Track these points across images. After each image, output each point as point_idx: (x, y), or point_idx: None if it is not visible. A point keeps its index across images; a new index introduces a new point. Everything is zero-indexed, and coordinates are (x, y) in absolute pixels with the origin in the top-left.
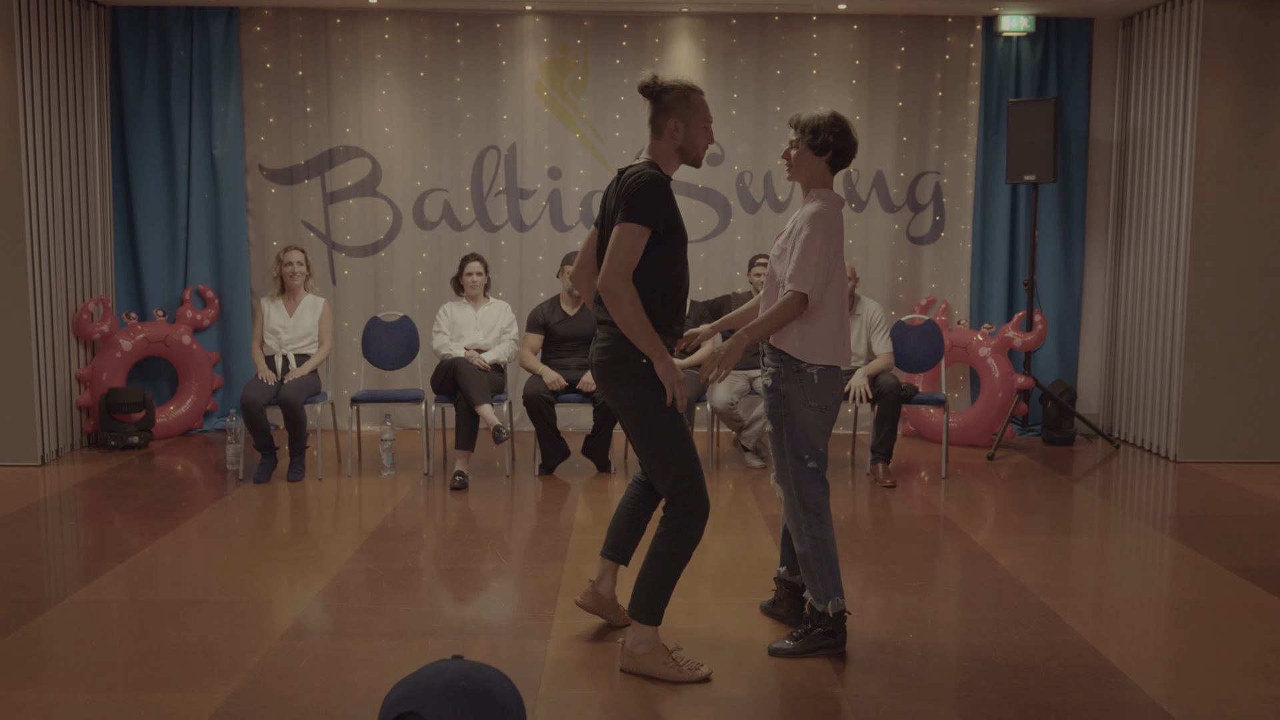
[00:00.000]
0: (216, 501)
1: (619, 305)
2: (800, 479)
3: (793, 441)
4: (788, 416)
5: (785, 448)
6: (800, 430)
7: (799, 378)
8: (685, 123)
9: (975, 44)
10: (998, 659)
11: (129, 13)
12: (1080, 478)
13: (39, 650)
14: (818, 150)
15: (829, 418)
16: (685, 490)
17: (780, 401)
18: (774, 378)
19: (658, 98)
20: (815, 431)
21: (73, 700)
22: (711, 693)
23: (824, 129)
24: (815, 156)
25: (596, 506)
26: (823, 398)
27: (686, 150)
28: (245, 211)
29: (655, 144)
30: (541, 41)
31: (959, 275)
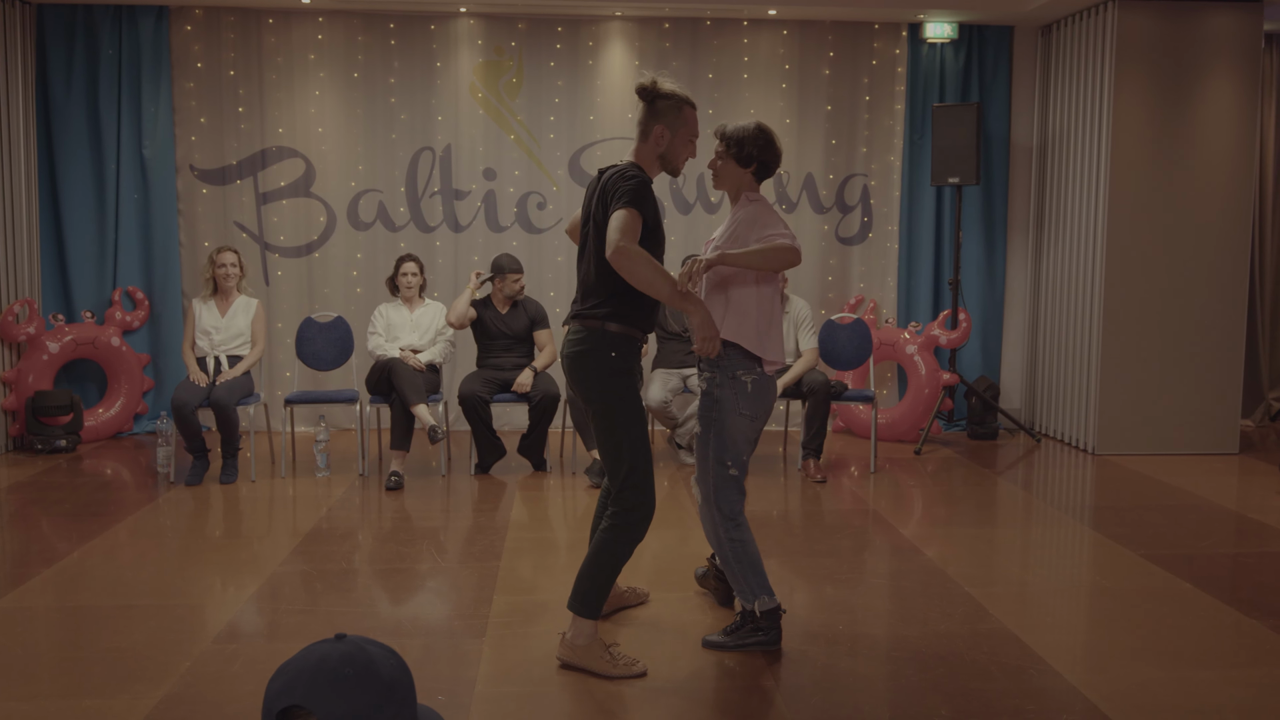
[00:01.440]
0: (147, 504)
1: (634, 264)
2: (720, 484)
3: (719, 447)
4: (718, 422)
5: (710, 451)
6: (728, 436)
7: (734, 384)
8: (671, 132)
9: (901, 50)
10: (925, 649)
11: (55, 10)
12: (1004, 471)
13: None
14: (743, 162)
15: (757, 428)
16: (634, 486)
17: (713, 406)
18: (710, 383)
19: (652, 102)
20: (742, 440)
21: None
22: (645, 687)
23: (748, 142)
24: (740, 168)
25: (532, 505)
26: (754, 407)
27: (668, 158)
28: (176, 212)
29: (640, 146)
30: (476, 43)
31: (886, 275)
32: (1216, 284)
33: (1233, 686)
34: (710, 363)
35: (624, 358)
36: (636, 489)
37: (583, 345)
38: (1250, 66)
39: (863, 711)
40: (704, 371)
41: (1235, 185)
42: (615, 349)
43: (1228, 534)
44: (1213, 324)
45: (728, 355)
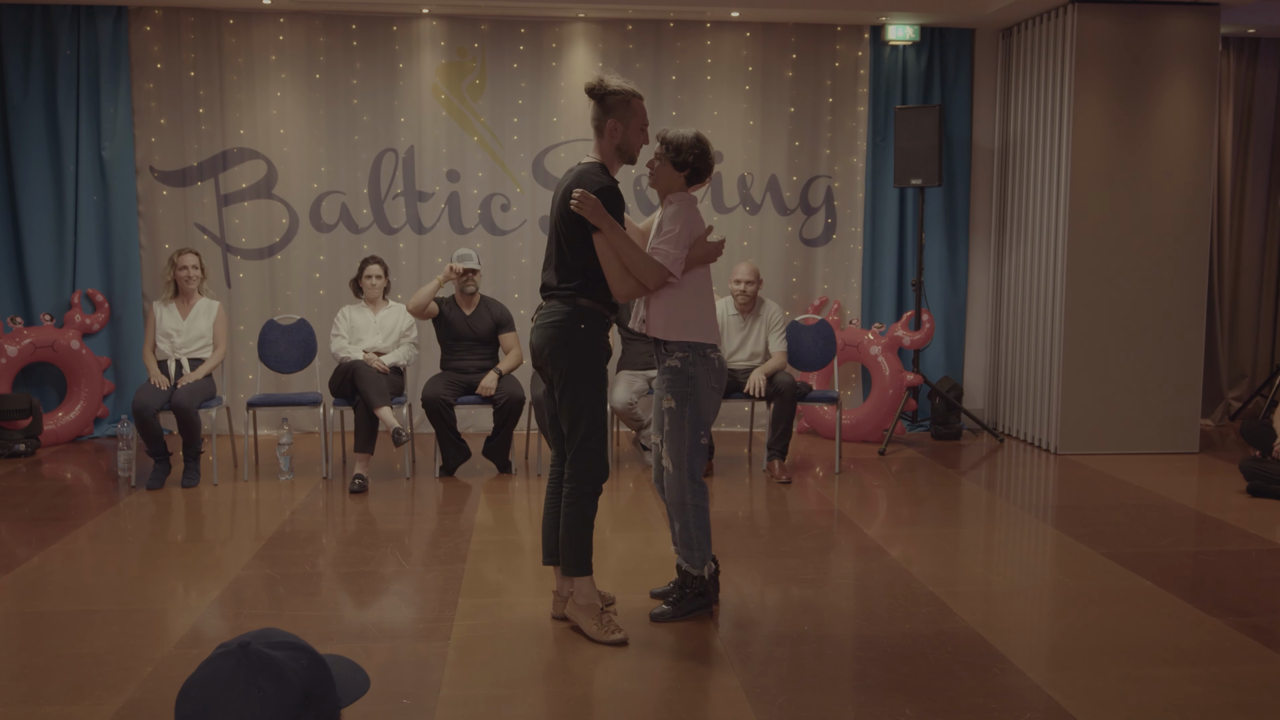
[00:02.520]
0: (108, 509)
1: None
2: (694, 452)
3: (694, 419)
4: (693, 396)
5: (686, 424)
6: (702, 409)
7: (704, 361)
8: (624, 124)
9: (864, 52)
10: (890, 648)
11: (12, 10)
12: (967, 471)
13: None
14: (678, 166)
15: (719, 399)
16: (589, 450)
17: (688, 383)
18: (682, 361)
19: (602, 99)
20: (710, 411)
21: None
22: (612, 688)
23: (686, 149)
24: (675, 172)
25: (497, 507)
26: (720, 380)
27: (624, 149)
28: (136, 214)
29: (599, 143)
30: (439, 45)
31: (850, 276)
32: (1176, 284)
33: (1194, 683)
34: (680, 344)
35: (592, 330)
36: (591, 453)
37: (554, 318)
38: (1208, 69)
39: (829, 711)
40: (675, 351)
41: (1194, 186)
42: (584, 321)
43: (1188, 532)
44: (1173, 324)
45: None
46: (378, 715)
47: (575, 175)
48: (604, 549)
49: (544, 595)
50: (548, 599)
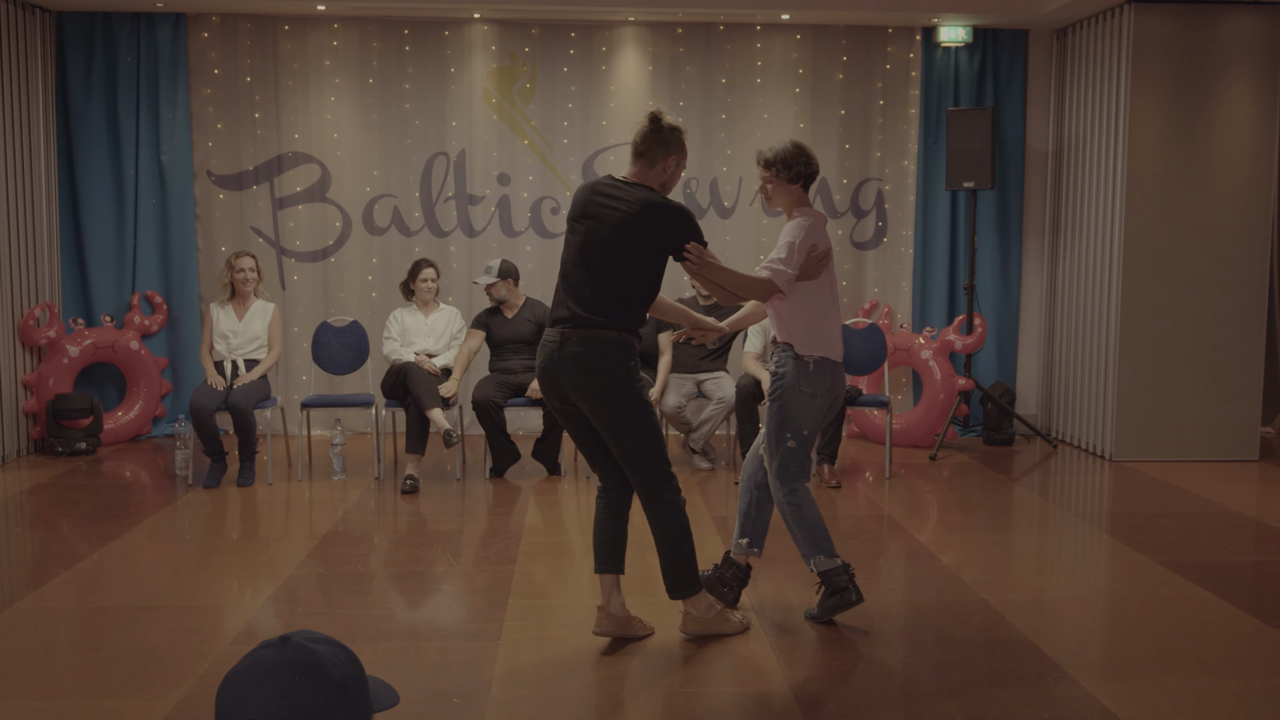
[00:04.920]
0: (165, 507)
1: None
2: (781, 454)
3: (780, 421)
4: (780, 398)
5: (774, 423)
6: (790, 411)
7: (797, 364)
8: (679, 162)
9: (915, 54)
10: (941, 655)
11: (75, 18)
12: (1020, 477)
13: None
14: (792, 180)
15: (819, 405)
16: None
17: (778, 383)
18: (778, 364)
19: (662, 132)
20: (803, 415)
21: (20, 708)
22: (661, 692)
23: (796, 160)
24: (791, 185)
25: (547, 509)
26: (814, 385)
27: (667, 186)
28: (194, 217)
29: (647, 172)
30: (490, 49)
31: (901, 280)
32: (1235, 289)
33: (1254, 696)
34: (781, 347)
35: (637, 366)
36: (668, 477)
37: (602, 361)
38: (1270, 69)
39: (879, 718)
40: (775, 354)
41: (1254, 190)
42: (633, 358)
43: (1247, 541)
44: (1231, 329)
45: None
46: (429, 714)
47: (645, 205)
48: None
49: (594, 597)
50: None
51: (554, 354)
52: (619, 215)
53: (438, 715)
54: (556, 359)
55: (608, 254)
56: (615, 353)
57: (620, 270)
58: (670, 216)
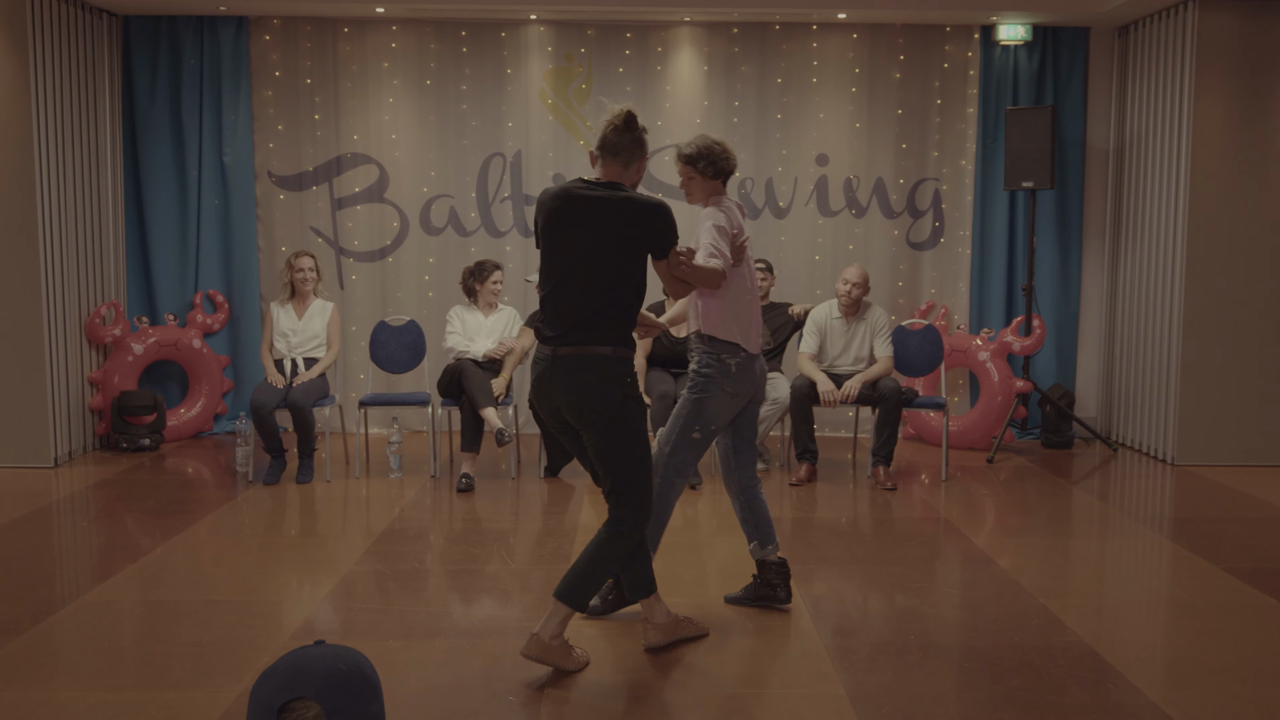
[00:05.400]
0: (226, 503)
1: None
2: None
3: (691, 414)
4: (700, 392)
5: (685, 413)
6: (706, 406)
7: (721, 365)
8: (644, 166)
9: (973, 53)
10: (998, 660)
11: (141, 22)
12: (1079, 480)
13: (52, 649)
14: (714, 176)
15: (738, 406)
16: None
17: (700, 380)
18: (701, 363)
19: (635, 130)
20: (718, 412)
21: (85, 699)
22: (714, 693)
23: (717, 155)
24: (710, 180)
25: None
26: (736, 386)
27: (636, 187)
28: (255, 217)
29: (622, 172)
30: (546, 50)
31: (958, 280)
32: None
33: None
34: (700, 343)
35: (634, 380)
36: (645, 509)
37: (598, 378)
38: None
39: None
40: (693, 352)
41: None
42: (629, 374)
43: None
44: None
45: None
46: (485, 712)
47: (633, 206)
48: (704, 552)
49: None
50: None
51: (545, 373)
52: (606, 219)
53: (494, 713)
54: (548, 378)
55: (598, 262)
56: (610, 370)
57: (611, 278)
58: (658, 217)
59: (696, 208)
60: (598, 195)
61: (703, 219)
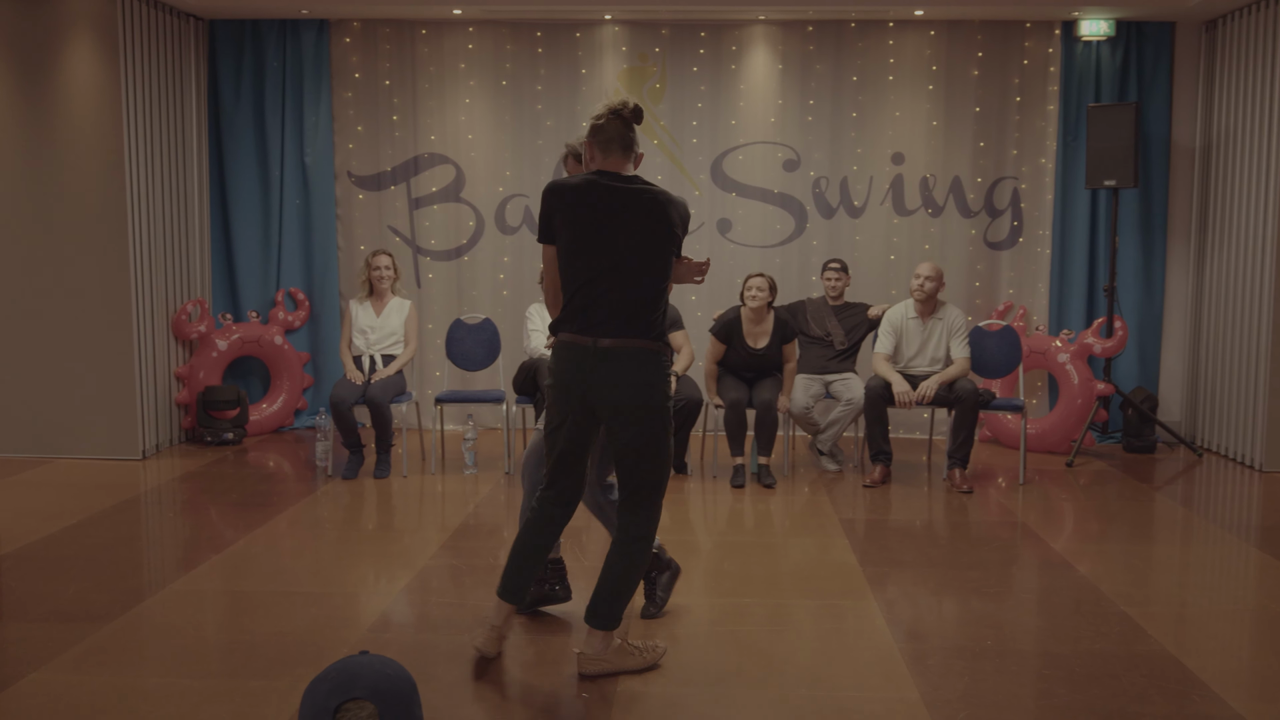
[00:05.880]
0: (306, 497)
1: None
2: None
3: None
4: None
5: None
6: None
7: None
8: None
9: (1054, 49)
10: (1078, 668)
11: (226, 26)
12: (1162, 486)
13: (140, 637)
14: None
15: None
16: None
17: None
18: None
19: (639, 122)
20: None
21: (171, 685)
22: (786, 694)
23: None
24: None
25: (673, 508)
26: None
27: None
28: (334, 217)
29: (630, 166)
30: (620, 50)
31: (1037, 281)
32: None
33: None
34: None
35: (671, 379)
36: (659, 511)
37: (648, 375)
38: None
39: None
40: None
41: None
42: (670, 371)
43: None
44: None
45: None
46: (558, 708)
47: (667, 200)
48: (778, 553)
49: (719, 597)
50: (722, 600)
51: (586, 364)
52: (656, 213)
53: (567, 709)
54: (589, 369)
55: (648, 255)
56: (658, 368)
57: (658, 271)
58: (685, 211)
59: None
60: (640, 189)
61: None
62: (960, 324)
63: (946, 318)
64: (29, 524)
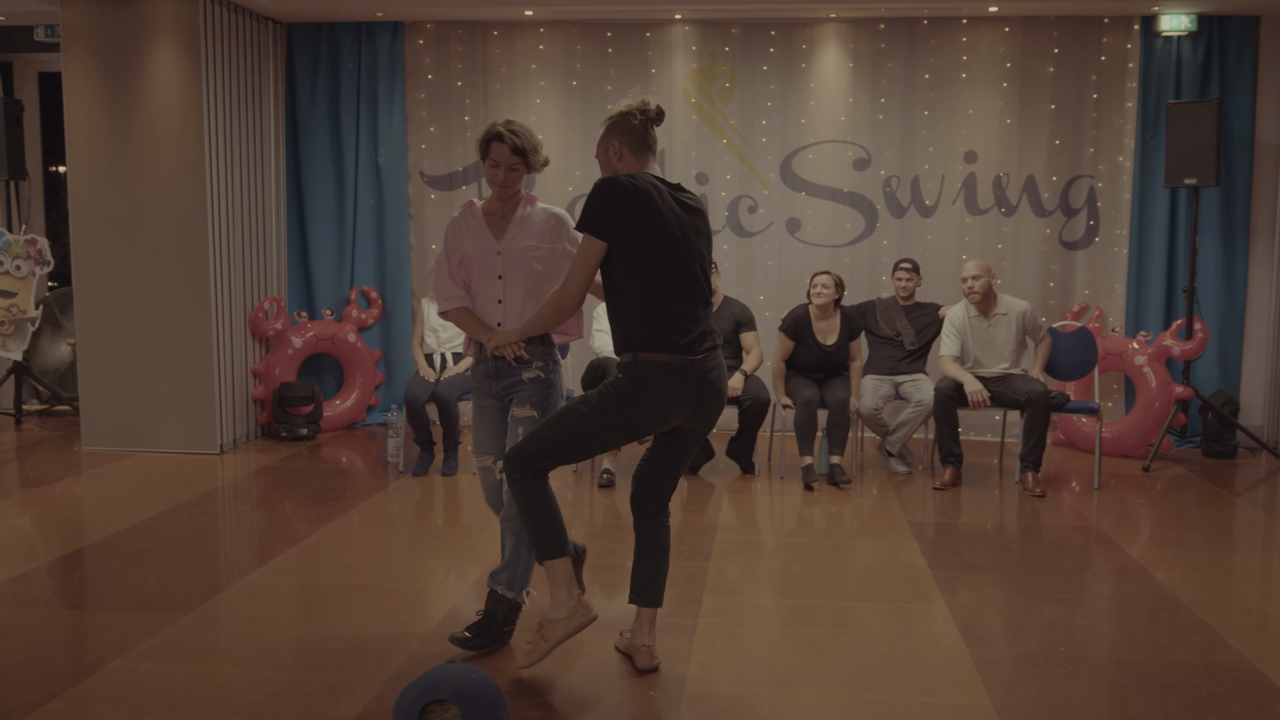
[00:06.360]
0: (378, 492)
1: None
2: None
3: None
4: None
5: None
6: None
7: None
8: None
9: (1133, 44)
10: (1155, 677)
11: (303, 29)
12: (1243, 492)
13: (217, 627)
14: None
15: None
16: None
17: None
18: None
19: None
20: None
21: (247, 676)
22: (857, 698)
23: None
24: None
25: (740, 508)
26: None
27: None
28: (407, 216)
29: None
30: (690, 50)
31: (1114, 281)
32: None
33: None
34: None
35: None
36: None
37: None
38: None
39: None
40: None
41: None
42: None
43: None
44: None
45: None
46: (627, 704)
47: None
48: (847, 555)
49: (787, 598)
50: (789, 602)
51: (691, 385)
52: (704, 223)
53: (635, 705)
54: (695, 391)
55: (705, 265)
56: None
57: (708, 285)
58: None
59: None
60: (690, 198)
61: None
62: (1023, 308)
63: (1011, 311)
64: (113, 515)
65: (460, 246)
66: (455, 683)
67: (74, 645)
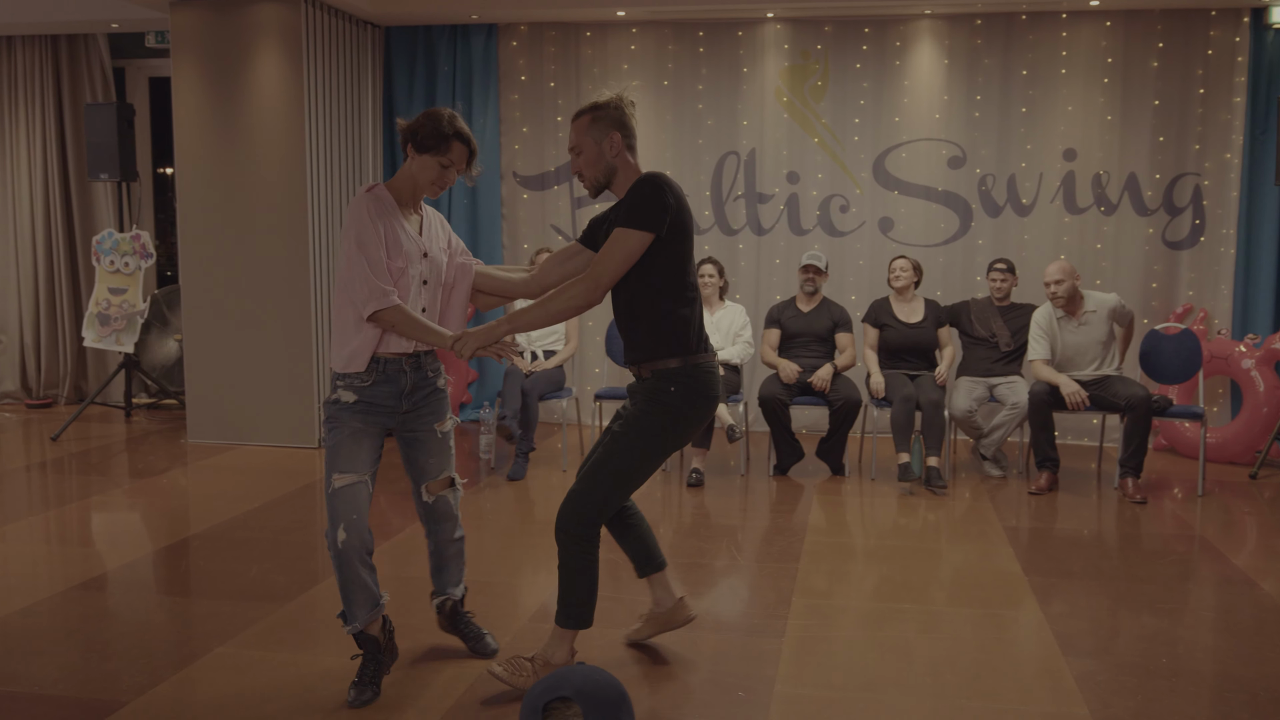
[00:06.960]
0: (469, 488)
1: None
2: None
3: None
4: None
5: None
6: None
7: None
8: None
9: (1241, 37)
10: (1262, 691)
11: (401, 32)
12: None
13: (315, 617)
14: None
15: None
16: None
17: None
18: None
19: None
20: None
21: (345, 666)
22: (950, 705)
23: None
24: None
25: (830, 510)
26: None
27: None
28: (500, 216)
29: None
30: (782, 48)
31: (1220, 282)
32: None
33: None
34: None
35: None
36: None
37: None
38: None
39: None
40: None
41: None
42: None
43: None
44: None
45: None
46: (716, 704)
47: None
48: (939, 560)
49: (879, 601)
50: (881, 605)
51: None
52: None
53: (724, 705)
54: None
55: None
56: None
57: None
58: None
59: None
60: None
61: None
62: (1113, 303)
63: (1101, 307)
64: (217, 506)
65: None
66: (578, 682)
67: (179, 631)
